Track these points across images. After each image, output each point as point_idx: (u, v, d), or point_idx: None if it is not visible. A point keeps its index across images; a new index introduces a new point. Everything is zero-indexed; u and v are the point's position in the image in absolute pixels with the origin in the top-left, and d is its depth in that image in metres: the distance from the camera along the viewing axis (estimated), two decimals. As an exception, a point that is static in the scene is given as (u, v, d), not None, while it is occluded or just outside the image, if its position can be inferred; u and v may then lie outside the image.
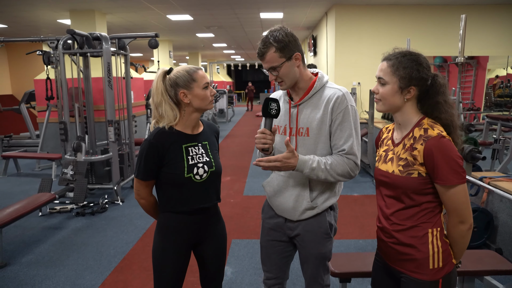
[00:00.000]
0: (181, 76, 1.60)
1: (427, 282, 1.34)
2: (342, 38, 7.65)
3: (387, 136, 1.52)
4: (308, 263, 1.72)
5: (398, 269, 1.42)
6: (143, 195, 1.69)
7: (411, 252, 1.36)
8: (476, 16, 7.34)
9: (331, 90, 1.61)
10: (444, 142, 1.29)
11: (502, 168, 5.30)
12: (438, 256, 1.34)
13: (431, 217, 1.36)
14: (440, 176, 1.28)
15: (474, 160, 3.32)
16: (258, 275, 2.90)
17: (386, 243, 1.45)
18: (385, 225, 1.44)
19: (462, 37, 3.16)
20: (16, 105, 8.86)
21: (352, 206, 4.44)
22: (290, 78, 1.59)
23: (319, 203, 1.65)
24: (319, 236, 1.68)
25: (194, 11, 8.13)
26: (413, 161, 1.34)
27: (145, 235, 3.80)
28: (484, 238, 3.24)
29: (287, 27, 1.58)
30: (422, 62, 1.36)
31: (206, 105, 1.65)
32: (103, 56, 4.75)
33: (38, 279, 2.96)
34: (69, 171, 4.60)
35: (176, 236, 1.67)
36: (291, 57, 1.56)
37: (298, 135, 1.63)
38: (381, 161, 1.48)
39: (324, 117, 1.59)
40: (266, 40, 1.55)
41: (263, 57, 1.57)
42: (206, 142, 1.71)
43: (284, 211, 1.70)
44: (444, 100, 1.37)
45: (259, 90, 25.61)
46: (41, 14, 7.90)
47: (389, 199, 1.43)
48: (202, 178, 1.65)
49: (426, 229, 1.36)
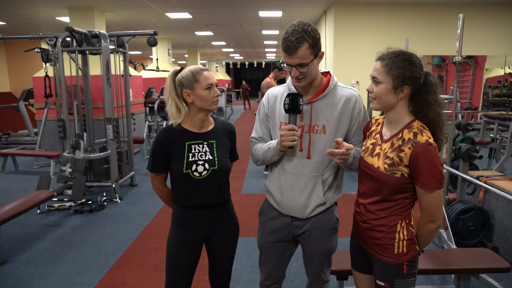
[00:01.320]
0: (185, 76, 1.66)
1: (393, 264, 1.49)
2: (341, 36, 7.66)
3: (376, 129, 1.57)
4: (313, 260, 1.73)
5: (369, 250, 1.57)
6: (156, 185, 1.81)
7: (380, 238, 1.50)
8: (475, 16, 7.36)
9: (347, 90, 1.64)
10: (430, 150, 1.37)
11: (499, 167, 5.34)
12: (402, 243, 1.48)
13: (403, 211, 1.48)
14: (422, 180, 1.38)
15: (471, 158, 3.34)
16: (256, 272, 2.91)
17: (360, 227, 1.58)
18: (361, 210, 1.58)
19: (459, 37, 3.17)
20: (14, 102, 8.85)
21: (351, 204, 4.42)
22: (312, 76, 1.57)
23: (329, 197, 1.68)
24: (327, 232, 1.70)
25: (193, 9, 8.13)
26: (399, 162, 1.42)
27: (143, 232, 3.81)
28: (480, 236, 3.26)
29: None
30: (415, 62, 1.40)
31: (208, 105, 1.68)
32: (102, 54, 4.74)
33: (37, 276, 2.97)
34: (68, 168, 4.60)
35: (186, 228, 1.75)
36: (317, 55, 1.53)
37: (312, 132, 1.62)
38: (368, 153, 1.54)
39: (342, 116, 1.61)
40: (300, 35, 1.44)
41: (295, 52, 1.46)
42: (213, 141, 1.74)
43: (293, 210, 1.68)
44: (433, 99, 1.42)
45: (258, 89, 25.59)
46: (40, 11, 7.89)
47: (369, 190, 1.53)
48: (202, 175, 1.69)
49: (396, 221, 1.48)
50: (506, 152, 5.40)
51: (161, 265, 3.11)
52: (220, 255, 1.83)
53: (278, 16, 9.01)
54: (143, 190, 5.31)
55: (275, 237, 1.75)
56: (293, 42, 1.45)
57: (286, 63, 1.52)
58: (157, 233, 3.78)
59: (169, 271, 1.78)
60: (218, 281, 1.88)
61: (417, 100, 1.43)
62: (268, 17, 9.16)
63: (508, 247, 3.06)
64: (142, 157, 7.45)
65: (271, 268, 1.79)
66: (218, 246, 1.82)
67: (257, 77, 29.92)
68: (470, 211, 3.23)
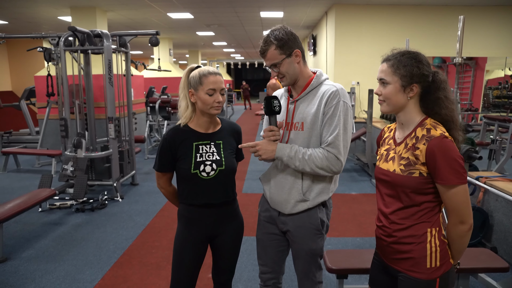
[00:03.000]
0: (194, 76, 1.70)
1: (424, 281, 1.34)
2: (342, 37, 7.68)
3: (389, 135, 1.53)
4: (299, 259, 1.75)
5: (396, 267, 1.42)
6: (161, 184, 1.84)
7: (409, 251, 1.36)
8: (475, 17, 7.37)
9: (327, 87, 1.66)
10: (446, 143, 1.29)
11: (498, 168, 5.35)
12: (435, 255, 1.34)
13: (430, 217, 1.36)
14: (441, 176, 1.28)
15: (471, 159, 3.35)
16: (256, 271, 2.92)
17: (384, 242, 1.45)
18: (384, 223, 1.44)
19: (460, 38, 3.19)
20: (15, 101, 8.87)
21: (350, 204, 4.47)
22: (291, 74, 1.65)
23: (310, 197, 1.67)
24: (310, 232, 1.70)
25: (194, 9, 8.15)
26: (415, 160, 1.34)
27: (144, 231, 3.83)
28: (479, 236, 3.28)
29: (287, 26, 1.64)
30: (421, 59, 1.36)
31: (207, 109, 1.69)
32: (104, 54, 4.77)
33: (38, 273, 2.99)
34: (69, 167, 4.63)
35: (192, 227, 1.78)
36: (291, 54, 1.63)
37: (293, 129, 1.68)
38: (382, 160, 1.48)
39: (317, 112, 1.62)
40: (267, 38, 1.63)
41: (264, 55, 1.64)
42: (220, 142, 1.77)
43: (277, 204, 1.74)
44: (444, 95, 1.37)
45: (259, 89, 25.58)
46: (42, 10, 7.91)
47: (389, 198, 1.43)
48: (210, 175, 1.72)
49: (425, 229, 1.35)
50: (505, 153, 5.41)
51: (162, 263, 3.13)
52: (225, 252, 1.86)
53: (280, 17, 9.03)
54: (144, 189, 5.33)
55: (267, 229, 1.82)
56: (262, 46, 1.65)
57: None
58: (158, 232, 3.80)
59: (175, 268, 1.80)
60: (221, 278, 1.90)
61: (428, 98, 1.38)
62: (270, 18, 9.17)
63: (507, 247, 3.08)
64: (143, 157, 7.47)
65: (267, 261, 1.83)
66: (223, 244, 1.84)
67: (257, 77, 29.93)
68: (469, 212, 3.25)
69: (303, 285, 1.77)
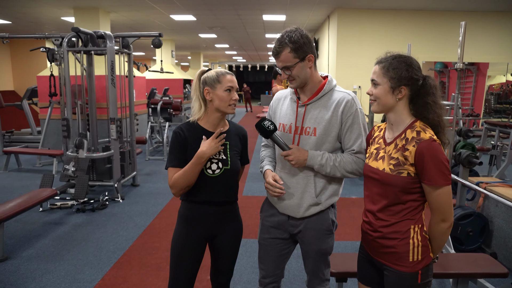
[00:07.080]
0: (210, 75, 1.73)
1: (408, 273, 1.44)
2: (344, 41, 7.70)
3: (379, 134, 1.60)
4: (309, 258, 1.77)
5: (381, 261, 1.52)
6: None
7: (393, 246, 1.46)
8: (477, 23, 7.39)
9: (340, 94, 1.68)
10: (434, 146, 1.37)
11: (499, 174, 5.35)
12: (417, 250, 1.44)
13: (414, 215, 1.45)
14: (428, 177, 1.37)
15: (471, 164, 3.36)
16: (256, 273, 2.94)
17: (370, 236, 1.54)
18: (371, 219, 1.54)
19: (461, 44, 3.20)
20: (17, 101, 8.91)
21: (350, 207, 4.49)
22: (302, 78, 1.65)
23: (323, 199, 1.70)
24: (322, 233, 1.73)
25: (197, 12, 8.18)
26: (404, 161, 1.41)
27: (144, 232, 3.84)
28: (479, 242, 3.27)
29: (303, 29, 1.62)
30: (412, 63, 1.44)
31: (224, 107, 1.73)
32: (107, 55, 4.79)
33: (39, 273, 3.00)
34: (71, 167, 4.64)
35: (191, 226, 1.79)
36: (305, 58, 1.61)
37: (304, 134, 1.69)
38: (372, 158, 1.55)
39: (333, 119, 1.64)
40: (282, 40, 1.60)
41: (278, 56, 1.62)
42: (227, 142, 1.80)
43: (288, 208, 1.74)
44: (433, 100, 1.44)
45: (260, 92, 25.64)
46: (45, 11, 7.95)
47: (377, 196, 1.51)
48: (215, 173, 1.74)
49: (409, 225, 1.45)
50: (506, 159, 5.41)
51: (161, 264, 3.14)
52: (224, 252, 1.87)
53: (282, 20, 9.05)
54: (144, 190, 5.34)
55: (273, 234, 1.81)
56: (276, 47, 1.61)
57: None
58: (158, 233, 3.81)
59: (174, 268, 1.81)
60: (220, 279, 1.91)
61: (417, 102, 1.46)
62: (272, 21, 9.20)
63: (506, 253, 3.08)
64: (144, 158, 7.49)
65: (269, 265, 1.84)
66: (222, 244, 1.85)
67: (259, 80, 29.96)
68: (469, 217, 3.25)
69: (312, 282, 1.80)
